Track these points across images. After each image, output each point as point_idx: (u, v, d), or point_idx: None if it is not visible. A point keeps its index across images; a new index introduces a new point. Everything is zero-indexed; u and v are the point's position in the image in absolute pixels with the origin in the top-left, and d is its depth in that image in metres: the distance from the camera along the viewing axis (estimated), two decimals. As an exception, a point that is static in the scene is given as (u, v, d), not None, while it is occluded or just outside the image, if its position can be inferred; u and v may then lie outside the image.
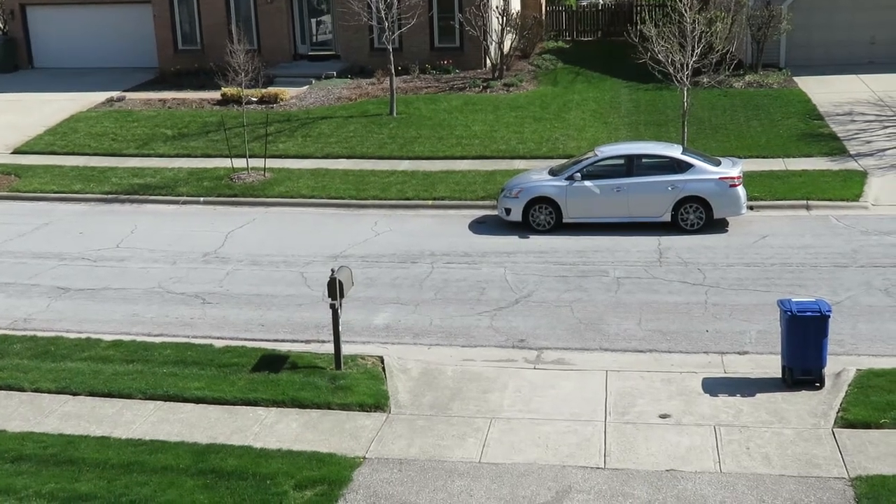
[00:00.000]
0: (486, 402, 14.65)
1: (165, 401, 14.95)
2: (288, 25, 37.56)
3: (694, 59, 24.84)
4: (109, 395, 15.17)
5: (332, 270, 15.68)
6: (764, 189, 23.43)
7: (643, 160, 22.10)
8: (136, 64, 39.24)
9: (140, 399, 15.03)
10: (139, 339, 17.15)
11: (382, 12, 30.56)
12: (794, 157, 26.16)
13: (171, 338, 17.20)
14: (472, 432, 13.82)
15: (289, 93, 33.84)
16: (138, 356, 16.30)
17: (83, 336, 17.24)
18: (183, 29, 38.39)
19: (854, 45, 35.05)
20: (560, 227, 21.85)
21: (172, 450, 13.52)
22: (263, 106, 32.58)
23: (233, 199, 25.11)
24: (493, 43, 35.12)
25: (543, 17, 41.43)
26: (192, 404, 14.83)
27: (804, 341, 14.34)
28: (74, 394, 15.26)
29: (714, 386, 14.81)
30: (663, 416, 14.03)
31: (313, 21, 38.39)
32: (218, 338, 17.13)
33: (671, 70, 24.94)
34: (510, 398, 14.76)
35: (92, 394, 15.23)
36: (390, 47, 30.81)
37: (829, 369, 14.68)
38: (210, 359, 16.09)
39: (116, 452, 13.48)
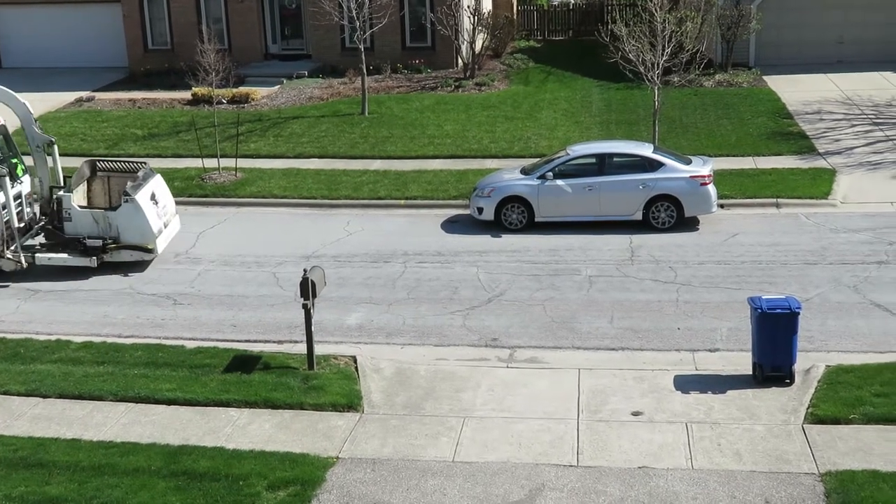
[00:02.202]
0: (460, 401, 14.67)
1: (137, 402, 14.86)
2: (259, 25, 37.42)
3: (664, 58, 24.97)
4: (80, 397, 15.06)
5: (305, 270, 15.64)
6: (734, 187, 23.59)
7: (614, 159, 22.20)
8: (105, 64, 38.95)
9: (111, 401, 14.92)
10: (110, 340, 17.03)
11: (353, 12, 30.50)
12: (763, 155, 26.34)
13: (143, 339, 17.09)
14: (446, 431, 13.83)
15: (260, 92, 33.71)
16: (109, 358, 16.19)
17: (53, 338, 17.10)
18: (153, 28, 38.14)
19: (823, 44, 35.36)
20: (532, 225, 21.90)
21: (144, 451, 13.44)
22: (234, 106, 32.43)
23: (204, 199, 24.96)
24: (465, 42, 35.14)
25: (515, 17, 41.51)
26: (164, 406, 14.74)
27: (774, 338, 14.46)
28: (44, 396, 15.13)
29: (686, 383, 14.89)
30: (636, 414, 14.10)
31: (284, 20, 38.26)
32: (190, 339, 17.04)
33: (642, 69, 25.05)
34: (483, 397, 14.78)
35: (62, 396, 15.11)
36: (362, 47, 30.76)
37: (799, 366, 14.81)
38: (182, 360, 16.00)
39: (87, 454, 13.38)
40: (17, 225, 19.75)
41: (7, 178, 19.53)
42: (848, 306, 17.45)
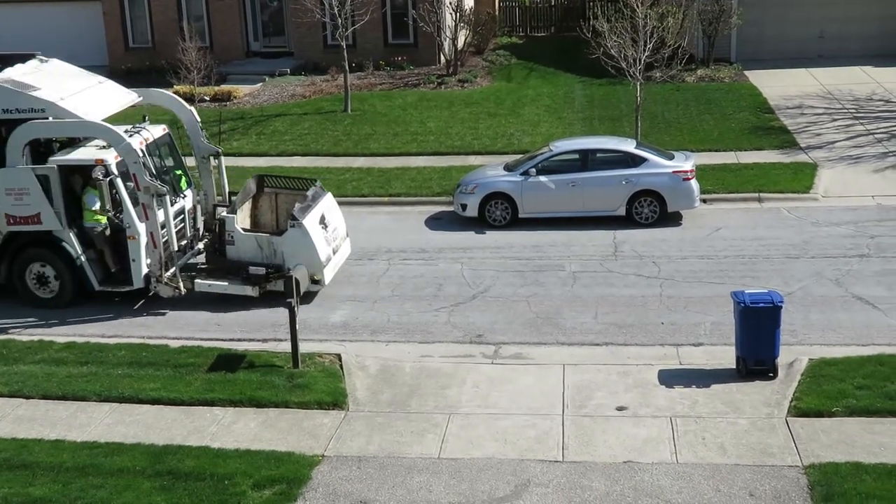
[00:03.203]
0: (445, 398, 14.68)
1: (121, 402, 14.80)
2: (240, 22, 37.30)
3: (646, 54, 25.04)
4: (63, 397, 14.99)
5: (289, 269, 15.65)
6: (716, 182, 23.67)
7: (597, 155, 22.24)
8: (86, 62, 38.22)
9: (95, 401, 14.86)
10: (93, 340, 16.95)
11: (335, 9, 30.44)
12: (745, 150, 26.46)
13: (126, 339, 17.02)
14: (431, 428, 13.83)
15: (242, 90, 33.61)
16: (92, 358, 16.11)
17: (35, 338, 17.01)
18: (134, 26, 37.98)
19: (803, 39, 35.52)
20: (516, 222, 21.92)
21: (129, 451, 13.39)
22: (216, 104, 32.32)
23: (187, 197, 24.84)
24: (447, 39, 35.12)
25: (497, 13, 41.50)
26: (148, 405, 14.69)
27: (757, 332, 14.53)
28: (27, 397, 15.05)
29: (670, 378, 14.95)
30: (620, 409, 14.14)
31: (266, 18, 38.16)
32: (174, 338, 16.98)
33: (624, 65, 25.11)
34: (468, 393, 14.80)
35: (45, 397, 15.03)
36: (344, 44, 30.71)
37: (782, 359, 14.88)
38: (166, 359, 15.95)
39: (71, 455, 13.33)
40: (176, 248, 18.16)
41: (167, 197, 17.78)
42: (830, 300, 17.54)
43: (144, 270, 17.76)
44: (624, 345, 16.27)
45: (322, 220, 18.53)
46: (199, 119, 19.86)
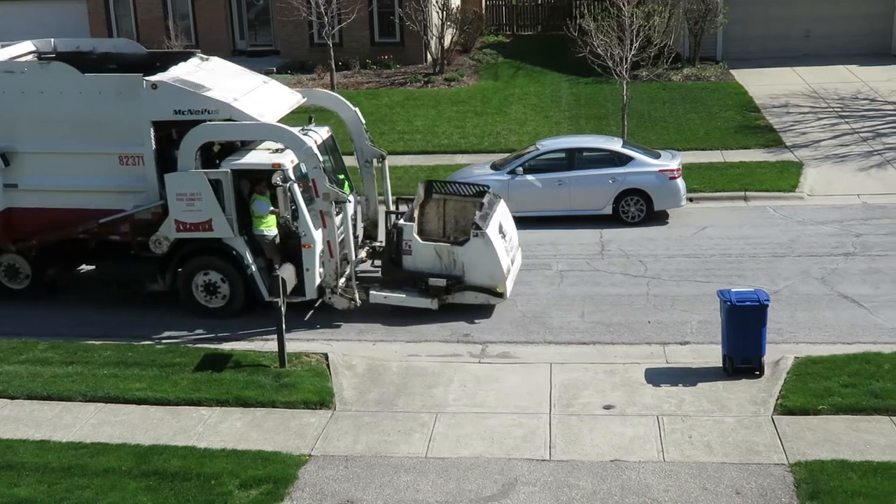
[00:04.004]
0: (432, 397, 14.66)
1: (106, 402, 14.73)
2: (226, 20, 37.21)
3: (633, 52, 25.08)
4: (49, 397, 14.90)
5: (276, 268, 15.60)
6: (703, 181, 23.73)
7: (584, 154, 22.27)
8: (70, 61, 38.54)
9: (80, 401, 14.79)
10: (78, 340, 16.86)
11: (322, 7, 30.41)
12: (731, 149, 26.53)
13: (112, 339, 16.94)
14: (418, 427, 13.82)
15: (228, 89, 33.43)
16: (78, 358, 16.03)
17: (20, 338, 16.91)
18: (119, 24, 37.85)
19: (789, 38, 35.66)
20: (503, 221, 21.88)
21: (114, 452, 13.33)
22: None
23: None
24: (434, 38, 35.11)
25: (483, 12, 41.53)
26: (134, 405, 14.63)
27: (744, 330, 14.56)
28: (12, 397, 14.96)
29: (657, 376, 14.97)
30: (607, 408, 14.15)
31: (252, 16, 38.06)
32: (159, 338, 16.92)
33: (610, 64, 25.15)
34: (455, 392, 14.79)
35: (30, 397, 14.95)
36: (330, 42, 30.68)
37: (769, 357, 14.92)
38: (152, 359, 15.89)
39: (57, 456, 13.26)
40: (353, 257, 17.40)
41: (347, 204, 17.18)
42: (816, 298, 17.60)
43: (318, 280, 16.99)
44: (611, 343, 16.29)
45: (500, 229, 17.65)
46: (363, 120, 19.11)
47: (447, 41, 35.52)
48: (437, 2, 35.18)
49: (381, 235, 19.01)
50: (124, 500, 12.24)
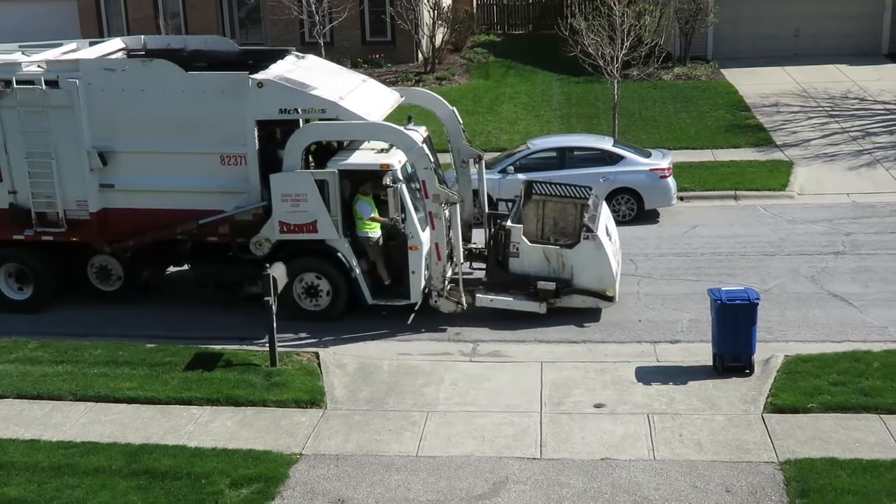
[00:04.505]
0: (423, 396, 14.67)
1: (97, 402, 14.70)
2: (217, 19, 37.14)
3: (623, 52, 25.12)
4: (39, 397, 14.86)
5: (266, 266, 15.57)
6: (693, 180, 23.77)
7: (575, 153, 22.29)
8: (61, 59, 38.42)
9: (70, 400, 14.75)
10: (68, 339, 16.82)
11: (313, 6, 30.38)
12: (722, 148, 26.60)
13: (102, 337, 16.90)
14: (409, 426, 13.82)
15: (219, 88, 33.36)
16: (68, 357, 15.99)
17: (10, 337, 16.86)
18: (110, 24, 37.74)
19: (779, 37, 35.75)
20: (494, 219, 21.87)
21: (105, 451, 13.31)
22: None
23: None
24: (425, 37, 35.11)
25: (475, 11, 41.53)
26: (125, 404, 14.60)
27: (734, 329, 14.59)
28: (2, 396, 14.91)
29: (647, 375, 15.00)
30: (598, 406, 14.17)
31: (243, 15, 38.01)
32: (150, 336, 16.89)
33: (601, 63, 25.19)
34: (446, 391, 14.79)
35: (20, 396, 14.90)
36: (321, 41, 30.65)
37: (759, 356, 14.96)
38: (142, 358, 15.85)
39: (47, 455, 13.22)
40: (461, 259, 17.04)
41: (458, 206, 16.63)
42: (806, 297, 17.65)
43: (423, 283, 16.71)
44: (601, 342, 16.30)
45: (607, 231, 17.33)
46: (460, 120, 18.71)
47: (438, 40, 35.52)
48: (428, 1, 35.18)
49: (474, 237, 18.65)
50: (114, 500, 12.22)
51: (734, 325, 14.57)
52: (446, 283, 16.81)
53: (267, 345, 15.50)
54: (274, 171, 16.53)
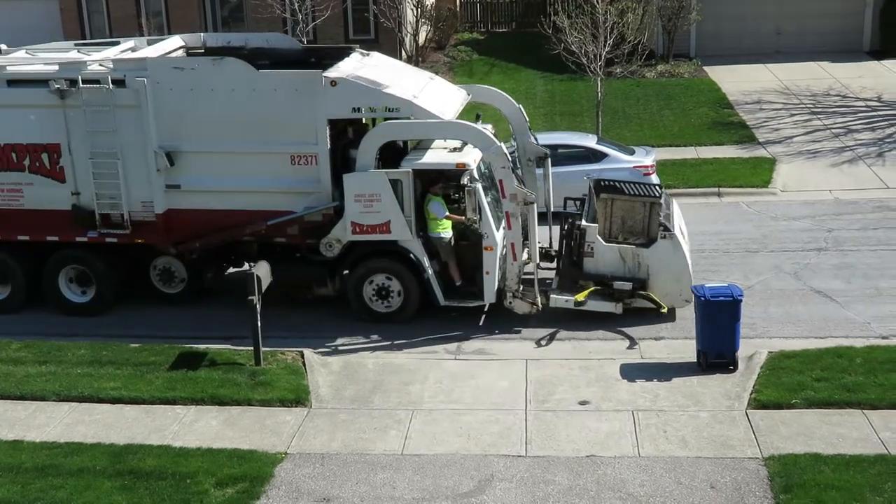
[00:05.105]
0: (408, 394, 14.67)
1: (80, 402, 14.65)
2: (199, 17, 36.98)
3: (606, 49, 25.15)
4: (22, 397, 14.80)
5: (250, 266, 15.53)
6: (677, 177, 23.82)
7: (559, 150, 22.19)
8: (42, 58, 38.19)
9: (54, 401, 14.69)
10: (52, 339, 16.74)
11: (296, 4, 30.29)
12: (705, 145, 26.66)
13: (86, 337, 16.82)
14: (394, 424, 13.82)
15: (202, 86, 33.25)
16: (51, 357, 15.92)
17: (-7, 338, 16.79)
18: (91, 22, 37.52)
19: (761, 35, 35.88)
20: (478, 217, 21.84)
21: (89, 451, 13.26)
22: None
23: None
24: (408, 35, 35.07)
25: (458, 9, 41.51)
26: (109, 404, 14.55)
27: (717, 326, 14.64)
28: (-15, 397, 14.87)
29: (631, 372, 15.03)
30: (583, 403, 14.20)
31: (226, 13, 37.87)
32: (134, 336, 16.83)
33: (584, 61, 25.20)
34: (431, 389, 14.80)
35: (3, 397, 14.84)
36: (304, 39, 30.52)
37: (742, 352, 15.02)
38: (126, 358, 15.80)
39: (30, 456, 13.17)
40: (537, 259, 16.81)
41: (534, 206, 16.39)
42: (789, 293, 17.73)
43: (496, 284, 16.42)
44: (586, 339, 16.33)
45: (681, 231, 17.09)
46: (527, 118, 18.50)
47: (422, 38, 35.50)
48: (411, -1, 35.17)
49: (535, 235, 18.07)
50: (99, 500, 12.18)
51: (718, 322, 14.63)
52: (520, 283, 16.53)
53: (252, 344, 15.48)
54: (342, 171, 16.34)
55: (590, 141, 22.66)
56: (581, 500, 11.97)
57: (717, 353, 14.83)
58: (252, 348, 15.45)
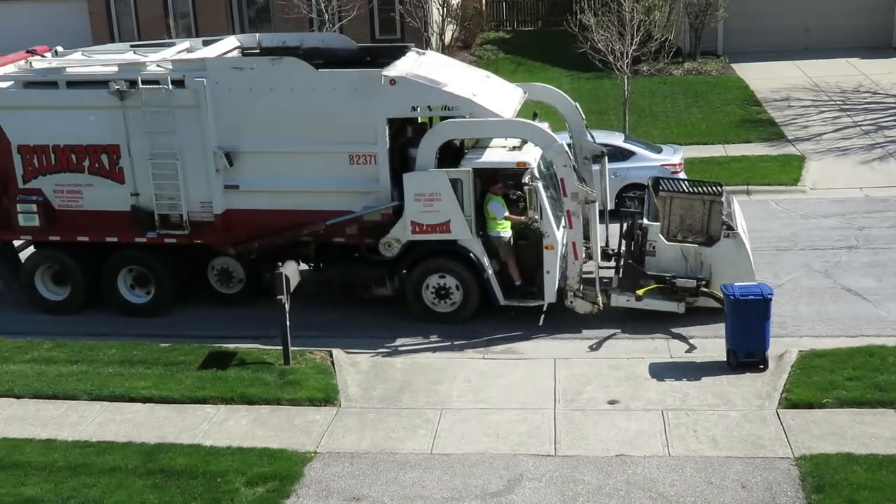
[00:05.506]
0: (436, 394, 14.68)
1: (112, 401, 14.76)
2: (227, 18, 37.20)
3: (633, 47, 25.08)
4: (54, 396, 14.93)
5: (279, 265, 15.58)
6: (705, 175, 23.59)
7: (586, 149, 22.19)
8: (71, 60, 38.49)
9: (86, 400, 14.81)
10: (83, 339, 16.87)
11: (322, 4, 30.39)
12: (733, 143, 26.52)
13: (117, 337, 16.94)
14: (423, 424, 13.84)
15: (229, 87, 33.39)
16: (83, 356, 16.05)
17: (26, 338, 16.92)
18: (120, 24, 37.84)
19: (789, 32, 35.64)
20: (505, 216, 21.82)
21: (120, 450, 13.36)
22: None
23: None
24: (434, 34, 35.08)
25: (484, 8, 41.49)
26: (140, 404, 14.65)
27: (747, 325, 14.57)
28: (18, 396, 14.99)
29: (661, 371, 14.97)
30: (612, 402, 14.16)
31: (252, 14, 38.06)
32: (164, 336, 16.93)
33: (611, 59, 25.15)
34: (460, 388, 14.80)
35: (36, 396, 14.98)
36: (331, 40, 30.61)
37: (773, 351, 14.93)
38: (156, 357, 15.90)
39: (63, 455, 13.28)
40: (599, 258, 16.77)
41: (596, 204, 16.28)
42: (819, 291, 17.61)
43: (557, 284, 16.27)
44: (614, 338, 16.28)
45: (743, 229, 16.93)
46: (583, 116, 18.44)
47: (448, 37, 35.50)
48: (437, -2, 35.19)
49: (598, 234, 18.13)
50: (131, 499, 12.27)
51: (747, 321, 14.55)
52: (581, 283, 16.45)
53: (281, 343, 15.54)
54: (401, 171, 16.32)
55: (617, 139, 22.58)
56: (611, 499, 11.93)
57: (747, 353, 14.75)
58: (281, 348, 15.52)
